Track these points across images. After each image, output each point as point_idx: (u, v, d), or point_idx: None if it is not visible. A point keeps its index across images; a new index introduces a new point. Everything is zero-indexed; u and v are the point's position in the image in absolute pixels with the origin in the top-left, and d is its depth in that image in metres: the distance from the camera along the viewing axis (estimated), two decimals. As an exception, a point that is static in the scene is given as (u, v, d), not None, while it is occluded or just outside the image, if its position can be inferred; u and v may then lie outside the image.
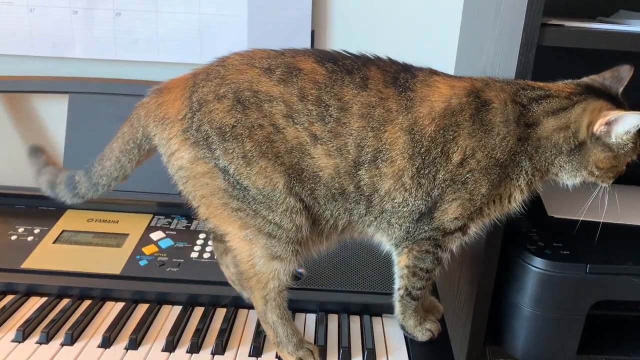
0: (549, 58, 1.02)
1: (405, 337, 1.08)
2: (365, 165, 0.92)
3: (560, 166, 0.96)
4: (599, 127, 0.92)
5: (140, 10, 1.44)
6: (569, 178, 0.98)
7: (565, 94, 0.95)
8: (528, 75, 0.99)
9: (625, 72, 0.98)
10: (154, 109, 0.96)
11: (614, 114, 0.90)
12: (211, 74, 0.94)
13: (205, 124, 0.91)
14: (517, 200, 0.98)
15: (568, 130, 0.94)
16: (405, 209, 0.94)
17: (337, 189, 0.93)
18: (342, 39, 1.49)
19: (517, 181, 0.95)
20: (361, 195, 0.94)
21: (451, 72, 0.99)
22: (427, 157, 0.91)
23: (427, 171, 0.92)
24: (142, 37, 1.47)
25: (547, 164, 0.95)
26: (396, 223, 0.96)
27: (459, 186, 0.93)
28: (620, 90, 0.97)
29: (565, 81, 0.99)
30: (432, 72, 0.96)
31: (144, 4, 1.44)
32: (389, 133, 0.91)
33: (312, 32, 1.47)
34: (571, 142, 0.94)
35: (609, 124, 0.92)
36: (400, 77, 0.93)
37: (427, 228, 0.96)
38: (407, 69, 0.96)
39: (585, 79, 0.99)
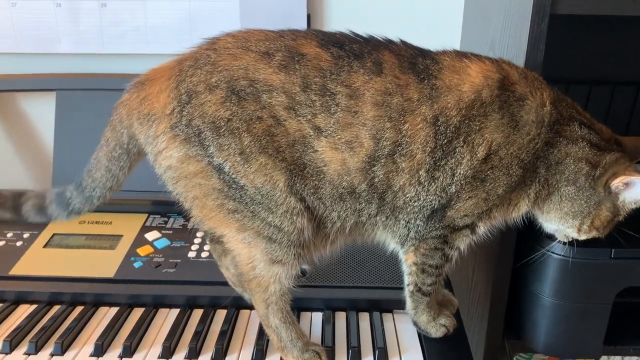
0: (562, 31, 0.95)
1: (419, 334, 1.02)
2: (382, 160, 0.83)
3: (562, 198, 0.90)
4: (617, 183, 0.87)
5: (126, 0, 1.37)
6: (558, 219, 0.92)
7: (607, 137, 0.90)
8: (541, 48, 0.92)
9: None
10: (136, 106, 0.88)
11: (637, 176, 0.86)
12: (200, 59, 0.85)
13: (197, 118, 0.83)
14: (520, 211, 0.91)
15: (595, 170, 0.88)
16: (415, 204, 0.87)
17: (345, 188, 0.85)
18: (340, 21, 1.42)
19: (529, 188, 0.89)
20: (374, 193, 0.86)
21: (457, 48, 0.91)
22: (447, 149, 0.84)
23: (444, 162, 0.84)
24: (130, 28, 1.40)
25: (556, 185, 0.89)
26: (403, 219, 0.89)
27: (478, 184, 0.86)
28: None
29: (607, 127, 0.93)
30: (460, 55, 0.87)
31: (130, -7, 1.37)
32: (409, 124, 0.82)
33: (308, 16, 1.40)
34: (589, 181, 0.88)
35: (627, 184, 0.87)
36: (418, 62, 0.84)
37: (437, 226, 0.89)
38: (424, 53, 0.87)
39: (615, 135, 0.94)
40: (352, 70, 0.83)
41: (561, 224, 0.93)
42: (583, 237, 0.93)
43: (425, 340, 1.00)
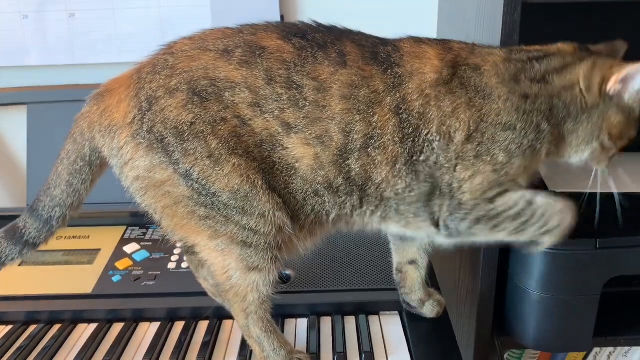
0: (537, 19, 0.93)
1: (406, 336, 1.00)
2: (355, 154, 0.81)
3: (571, 132, 0.85)
4: (613, 85, 0.82)
5: (95, 9, 1.35)
6: (579, 150, 0.87)
7: (569, 52, 0.86)
8: (515, 39, 0.90)
9: (621, 47, 0.90)
10: (97, 118, 0.85)
11: (631, 67, 0.80)
12: (158, 65, 0.82)
13: (159, 124, 0.80)
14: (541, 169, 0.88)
15: (575, 89, 0.83)
16: (412, 194, 0.84)
17: (321, 183, 0.83)
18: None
19: (542, 147, 0.83)
20: (353, 186, 0.83)
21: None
22: (417, 139, 0.81)
23: (421, 157, 0.81)
24: (100, 37, 1.37)
25: (561, 128, 0.84)
26: (409, 211, 0.85)
27: (472, 162, 0.82)
28: None
29: (564, 43, 0.89)
30: (418, 41, 0.86)
31: (99, 2, 1.34)
32: (378, 116, 0.80)
33: (282, 17, 1.38)
34: (579, 102, 0.84)
35: (624, 80, 0.81)
36: (380, 51, 0.83)
37: (463, 211, 0.84)
38: (385, 41, 0.85)
39: (581, 46, 0.89)
40: (317, 62, 0.81)
41: (583, 156, 0.88)
42: (614, 150, 0.87)
43: (412, 341, 0.98)
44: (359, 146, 0.81)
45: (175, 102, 0.80)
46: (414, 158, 0.82)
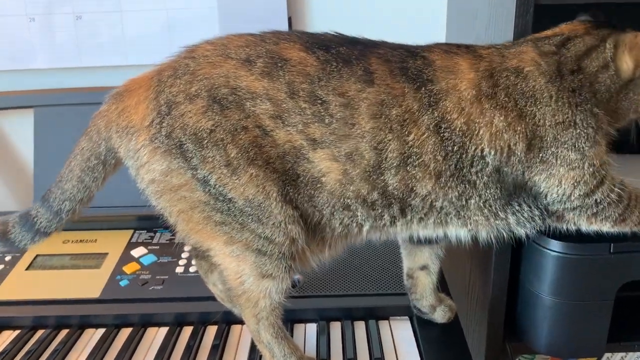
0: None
1: (417, 341, 0.99)
2: (391, 171, 0.79)
3: (615, 110, 0.84)
4: None
5: (102, 12, 1.34)
6: (620, 123, 0.87)
7: (582, 31, 0.85)
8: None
9: (602, 18, 0.89)
10: (115, 118, 0.84)
11: None
12: (179, 69, 0.82)
13: (177, 129, 0.79)
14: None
15: (609, 69, 0.83)
16: (472, 200, 0.82)
17: (351, 197, 0.81)
18: (323, 23, 1.39)
19: (603, 127, 0.82)
20: (391, 199, 0.82)
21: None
22: (464, 155, 0.79)
23: (472, 169, 0.80)
24: (107, 40, 1.36)
25: (610, 110, 0.84)
26: (477, 214, 0.83)
27: (539, 168, 0.81)
28: None
29: (567, 23, 0.88)
30: (448, 52, 0.83)
31: (106, 5, 1.34)
32: (414, 135, 0.78)
33: (289, 19, 1.37)
34: (616, 81, 0.83)
35: None
36: (409, 66, 0.80)
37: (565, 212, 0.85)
38: (413, 53, 0.82)
39: (580, 17, 0.89)
40: (342, 78, 0.79)
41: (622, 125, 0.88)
42: None
43: (423, 347, 0.97)
44: (395, 164, 0.79)
45: (195, 108, 0.79)
46: (464, 171, 0.80)
